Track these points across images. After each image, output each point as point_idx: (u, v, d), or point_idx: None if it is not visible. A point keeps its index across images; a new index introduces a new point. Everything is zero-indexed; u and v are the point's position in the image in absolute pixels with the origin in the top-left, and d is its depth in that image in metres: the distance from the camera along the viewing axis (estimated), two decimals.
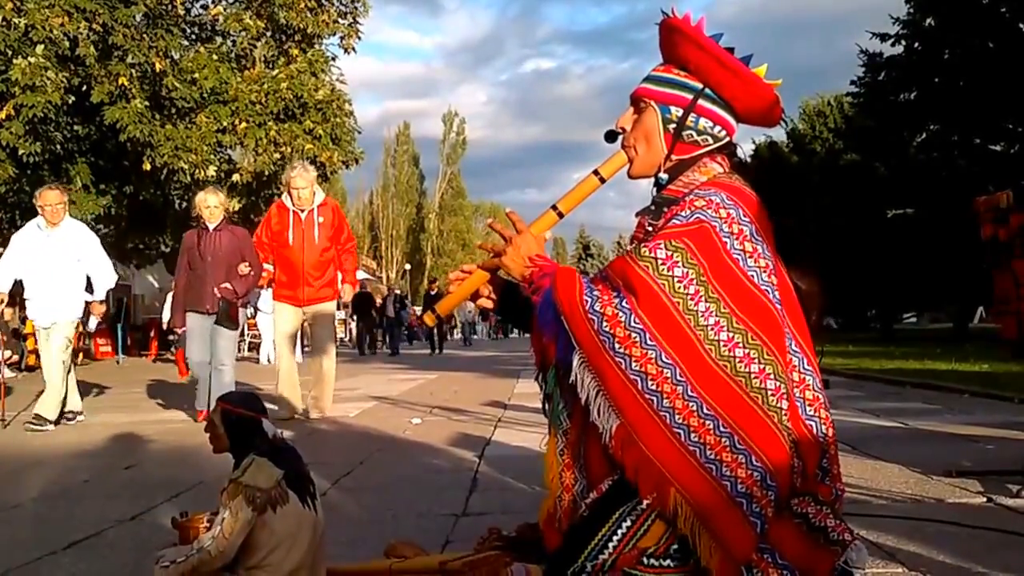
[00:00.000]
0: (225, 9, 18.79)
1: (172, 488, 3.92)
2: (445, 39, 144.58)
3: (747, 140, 33.37)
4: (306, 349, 14.59)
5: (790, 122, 32.73)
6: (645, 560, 1.91)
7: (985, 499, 3.42)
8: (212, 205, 6.76)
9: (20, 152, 15.21)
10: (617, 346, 1.93)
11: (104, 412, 7.57)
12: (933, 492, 3.57)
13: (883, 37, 22.66)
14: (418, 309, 34.66)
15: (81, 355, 18.68)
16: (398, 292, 25.50)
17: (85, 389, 10.37)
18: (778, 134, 32.30)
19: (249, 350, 20.17)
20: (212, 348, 6.66)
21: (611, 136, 2.28)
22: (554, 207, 2.24)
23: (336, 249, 7.13)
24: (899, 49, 22.62)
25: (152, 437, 5.95)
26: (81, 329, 7.37)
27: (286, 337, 7.12)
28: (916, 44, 22.25)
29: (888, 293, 24.48)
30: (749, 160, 2.34)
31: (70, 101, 15.40)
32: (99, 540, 3.05)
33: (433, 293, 23.29)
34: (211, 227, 6.76)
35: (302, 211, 6.97)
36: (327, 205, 7.13)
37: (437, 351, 22.17)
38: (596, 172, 2.25)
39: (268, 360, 17.02)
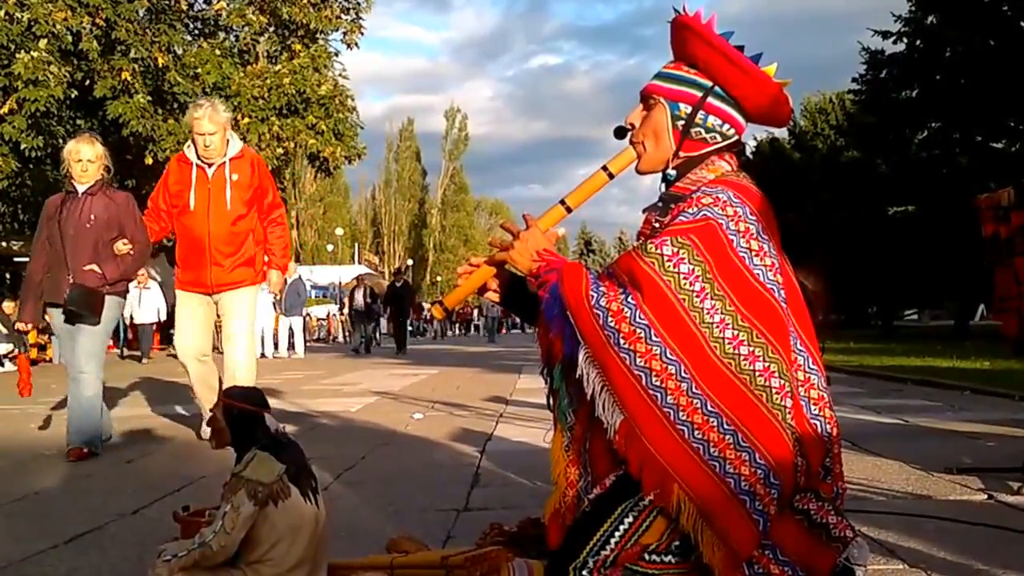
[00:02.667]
0: (228, 4, 18.80)
1: (174, 482, 3.93)
2: (451, 34, 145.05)
3: (749, 137, 33.32)
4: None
5: (792, 119, 32.67)
6: (647, 556, 1.91)
7: (985, 496, 3.43)
8: (86, 158, 4.91)
9: (23, 146, 15.25)
10: (622, 341, 1.94)
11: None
12: (934, 489, 3.57)
13: (885, 35, 22.69)
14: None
15: None
16: (368, 285, 22.92)
17: None
18: (780, 131, 32.26)
19: None
20: (72, 350, 4.97)
21: (620, 132, 2.28)
22: (562, 202, 2.26)
23: (259, 219, 5.42)
24: (901, 47, 22.66)
25: (154, 432, 5.96)
26: None
27: (191, 345, 5.32)
28: (918, 42, 22.26)
29: (889, 290, 24.47)
30: (751, 156, 2.34)
31: (73, 96, 15.43)
32: (101, 534, 3.06)
33: (399, 285, 20.93)
34: (80, 189, 4.93)
35: (209, 165, 5.25)
36: (244, 158, 5.39)
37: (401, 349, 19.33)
38: (605, 168, 2.26)
39: (264, 353, 17.00)
